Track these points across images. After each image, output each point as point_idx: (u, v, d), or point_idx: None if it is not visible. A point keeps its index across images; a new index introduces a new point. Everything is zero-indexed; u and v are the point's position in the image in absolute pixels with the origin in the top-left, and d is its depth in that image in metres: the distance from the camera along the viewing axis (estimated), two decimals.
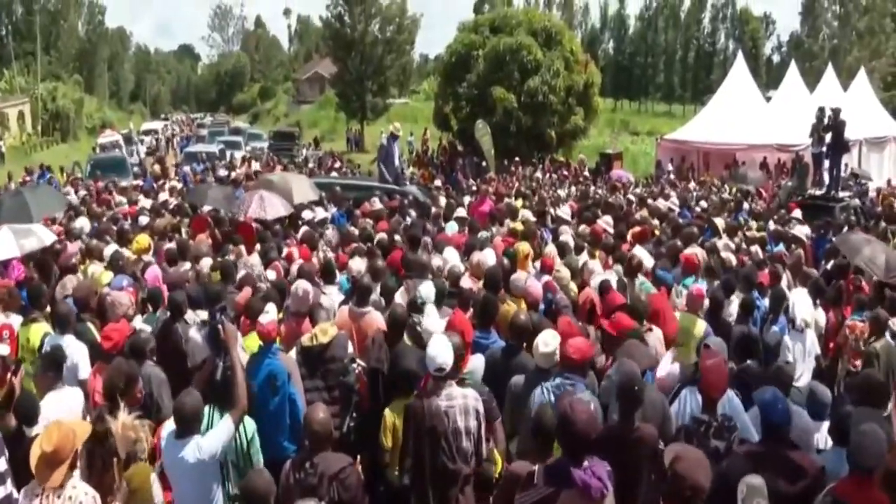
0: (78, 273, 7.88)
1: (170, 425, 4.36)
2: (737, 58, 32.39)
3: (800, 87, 28.56)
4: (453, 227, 10.07)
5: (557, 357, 4.99)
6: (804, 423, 4.81)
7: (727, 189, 20.30)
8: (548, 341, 5.05)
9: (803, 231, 11.20)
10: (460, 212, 10.91)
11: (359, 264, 7.56)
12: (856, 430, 3.86)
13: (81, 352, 5.59)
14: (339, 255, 8.50)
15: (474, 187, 17.28)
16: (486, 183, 17.93)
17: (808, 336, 6.85)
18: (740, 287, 7.58)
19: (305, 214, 10.66)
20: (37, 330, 6.08)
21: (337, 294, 7.07)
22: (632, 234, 9.83)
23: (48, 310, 6.51)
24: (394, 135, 14.90)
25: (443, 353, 4.60)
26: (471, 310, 6.28)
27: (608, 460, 3.76)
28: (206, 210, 11.13)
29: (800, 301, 7.06)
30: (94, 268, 8.07)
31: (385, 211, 11.26)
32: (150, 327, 6.25)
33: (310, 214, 10.65)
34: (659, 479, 3.91)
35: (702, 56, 72.28)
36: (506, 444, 5.01)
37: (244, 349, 5.47)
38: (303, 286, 6.19)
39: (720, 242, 9.99)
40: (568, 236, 9.14)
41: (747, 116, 26.31)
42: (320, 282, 7.11)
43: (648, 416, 4.51)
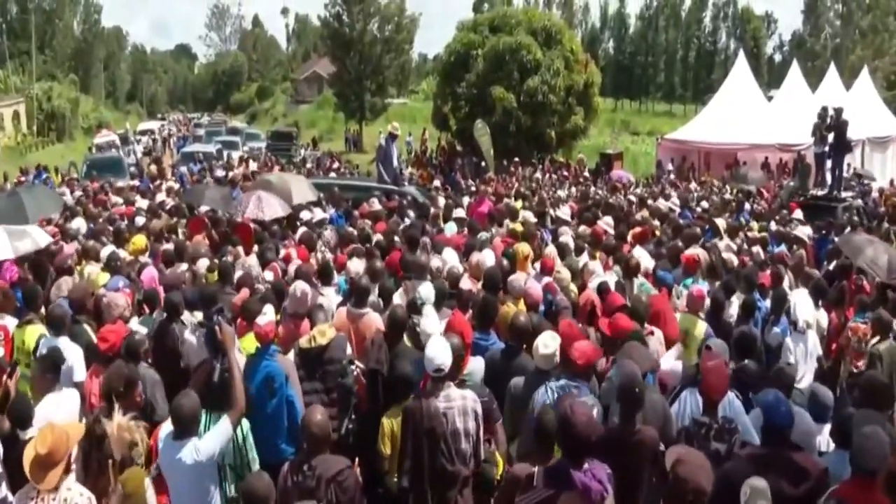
0: (74, 274, 7.82)
1: (167, 427, 4.33)
2: (738, 57, 32.52)
3: (802, 86, 28.67)
4: (452, 227, 10.03)
5: (557, 358, 4.97)
6: (806, 425, 4.79)
7: (728, 189, 20.25)
8: (547, 343, 5.02)
9: (805, 232, 11.17)
10: (459, 212, 10.85)
11: (357, 265, 7.54)
12: (858, 432, 3.84)
13: (76, 354, 5.53)
14: (338, 256, 8.45)
15: (473, 188, 17.24)
16: (485, 183, 17.92)
17: (809, 337, 6.84)
18: (741, 288, 7.54)
19: (304, 215, 10.60)
20: (32, 332, 6.01)
21: (334, 295, 7.02)
22: (632, 234, 9.78)
23: (43, 311, 6.44)
24: (392, 135, 14.82)
25: (441, 354, 4.59)
26: (470, 311, 6.25)
27: (608, 462, 3.77)
28: (204, 211, 11.07)
29: (801, 302, 7.05)
30: (90, 269, 8.05)
31: (384, 212, 11.22)
32: (147, 329, 6.21)
33: (308, 215, 10.59)
34: (660, 482, 3.90)
35: (703, 55, 72.38)
36: (507, 446, 4.98)
37: (241, 351, 5.46)
38: (301, 287, 6.14)
39: (721, 243, 9.96)
40: (568, 237, 9.09)
41: (749, 116, 26.33)
42: (317, 283, 7.06)
43: (649, 419, 4.48)
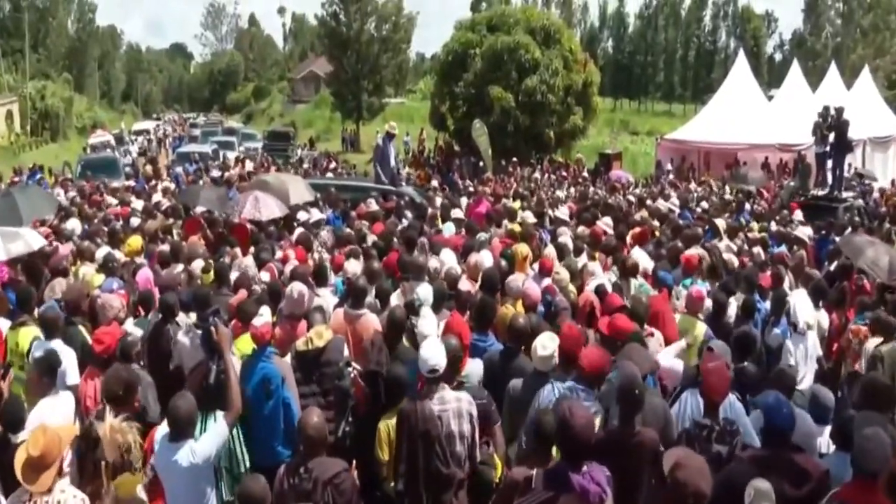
0: (69, 275, 7.78)
1: (163, 429, 4.31)
2: (738, 56, 32.43)
3: (802, 85, 28.63)
4: (450, 228, 10.00)
5: (556, 360, 4.95)
6: (807, 427, 4.78)
7: (728, 190, 20.19)
8: (546, 344, 4.99)
9: (805, 232, 11.12)
10: (457, 213, 10.81)
11: (354, 266, 7.51)
12: (860, 434, 3.83)
13: (69, 357, 5.49)
14: (336, 257, 8.41)
15: (471, 188, 17.20)
16: (483, 184, 17.89)
17: (809, 338, 6.79)
18: (741, 288, 7.51)
19: (301, 216, 10.56)
20: (26, 333, 5.95)
21: (330, 296, 6.97)
22: (632, 235, 9.77)
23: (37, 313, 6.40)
24: (390, 134, 14.72)
25: (435, 355, 4.55)
26: (469, 312, 6.21)
27: (608, 465, 3.75)
28: (200, 211, 11.02)
29: (800, 303, 6.99)
30: (85, 269, 8.03)
31: (381, 212, 11.18)
32: (142, 330, 6.19)
33: (305, 216, 10.55)
34: (659, 485, 3.85)
35: (702, 54, 72.40)
36: (505, 449, 4.93)
37: (235, 352, 5.40)
38: (298, 288, 6.11)
39: (721, 244, 9.93)
40: (567, 238, 9.04)
41: (749, 116, 26.22)
42: (312, 284, 7.01)
43: (649, 421, 4.45)
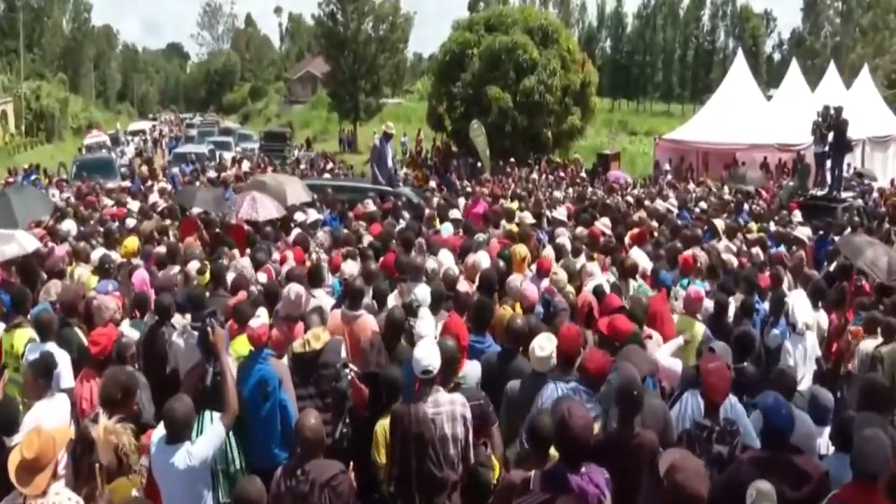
0: (65, 277, 7.73)
1: (159, 431, 4.28)
2: (737, 56, 32.36)
3: (801, 85, 28.60)
4: (449, 228, 9.97)
5: (554, 361, 4.93)
6: (807, 428, 4.77)
7: (726, 190, 20.15)
8: (543, 345, 4.97)
9: (804, 232, 11.11)
10: (455, 213, 10.78)
11: (351, 267, 7.49)
12: (859, 435, 3.81)
13: (64, 360, 5.41)
14: (333, 258, 8.38)
15: (469, 189, 17.17)
16: (480, 184, 17.85)
17: (808, 339, 6.75)
18: (741, 289, 7.49)
19: (298, 216, 10.52)
20: (21, 335, 5.87)
21: (325, 297, 6.92)
22: (630, 235, 9.74)
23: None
24: (387, 134, 14.63)
25: (428, 356, 4.54)
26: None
27: (607, 466, 3.74)
28: (196, 212, 10.99)
29: (799, 303, 6.95)
30: (80, 270, 7.97)
31: (378, 213, 11.15)
32: (138, 332, 6.15)
33: (302, 217, 10.51)
34: (658, 486, 3.83)
35: (701, 54, 72.03)
36: (503, 450, 4.92)
37: (232, 354, 5.39)
38: (295, 290, 6.07)
39: (721, 244, 9.91)
40: (565, 238, 9.01)
41: (747, 116, 26.17)
42: (307, 285, 6.96)
43: (649, 423, 4.44)
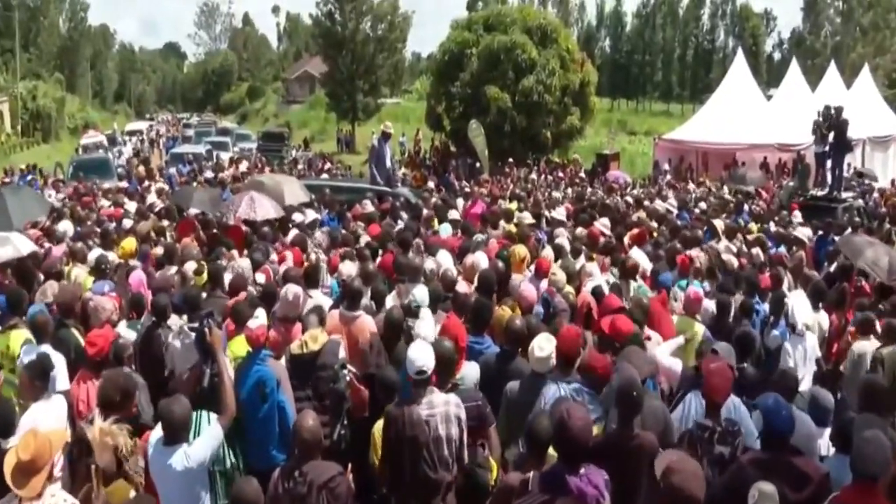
0: (63, 278, 7.69)
1: (157, 432, 4.26)
2: (737, 55, 32.32)
3: (801, 85, 28.56)
4: (447, 229, 9.93)
5: (553, 361, 4.91)
6: (808, 429, 4.76)
7: (726, 190, 20.11)
8: (543, 345, 4.95)
9: (805, 233, 11.05)
10: (454, 214, 10.74)
11: (349, 268, 7.45)
12: (859, 437, 3.80)
13: (59, 363, 5.34)
14: (332, 258, 8.35)
15: (467, 189, 17.13)
16: (479, 185, 17.81)
17: (808, 340, 6.73)
18: (742, 290, 7.47)
19: (296, 217, 10.49)
20: (17, 337, 5.85)
21: (322, 298, 6.91)
22: (630, 236, 9.70)
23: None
24: (385, 133, 14.52)
25: (421, 356, 4.51)
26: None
27: (606, 468, 3.74)
28: (194, 213, 10.94)
29: (798, 304, 6.94)
30: (77, 271, 7.94)
31: (377, 214, 11.10)
32: (134, 333, 6.14)
33: (300, 217, 10.47)
34: (656, 488, 3.81)
35: (701, 54, 71.92)
36: (501, 451, 4.90)
37: (230, 355, 5.41)
38: (293, 290, 6.03)
39: (721, 244, 9.88)
40: (564, 239, 8.98)
41: (747, 115, 26.11)
42: (303, 285, 6.94)
43: (649, 424, 4.44)
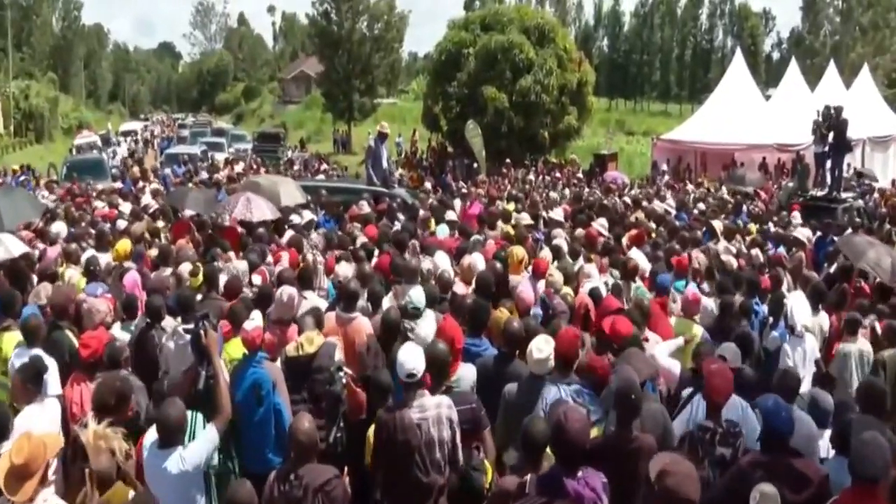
0: (58, 280, 7.65)
1: (151, 435, 4.24)
2: (735, 55, 32.22)
3: (800, 85, 28.49)
4: (444, 230, 9.90)
5: (552, 363, 4.89)
6: (808, 430, 4.75)
7: (725, 191, 20.05)
8: (541, 347, 4.93)
9: (804, 233, 10.99)
10: (451, 215, 10.69)
11: (346, 269, 7.42)
12: (857, 439, 3.79)
13: (51, 367, 5.29)
14: (328, 260, 8.31)
15: (465, 190, 17.09)
16: (476, 185, 17.76)
17: (808, 341, 6.71)
18: (742, 291, 7.45)
19: (293, 218, 10.43)
20: (9, 339, 5.86)
21: (316, 299, 6.89)
22: (628, 237, 9.68)
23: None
24: (382, 134, 14.42)
25: (412, 359, 4.52)
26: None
27: (604, 470, 3.74)
28: (188, 214, 10.89)
29: (798, 305, 6.90)
30: (70, 273, 7.91)
31: (373, 215, 11.05)
32: (128, 335, 6.11)
33: (297, 219, 10.42)
34: (649, 491, 3.80)
35: (699, 53, 72.04)
36: (496, 454, 4.88)
37: (224, 357, 5.35)
38: (288, 292, 6.05)
39: (720, 245, 9.88)
40: (561, 240, 8.96)
41: (746, 115, 26.02)
42: (297, 287, 6.90)
43: (648, 427, 4.43)
